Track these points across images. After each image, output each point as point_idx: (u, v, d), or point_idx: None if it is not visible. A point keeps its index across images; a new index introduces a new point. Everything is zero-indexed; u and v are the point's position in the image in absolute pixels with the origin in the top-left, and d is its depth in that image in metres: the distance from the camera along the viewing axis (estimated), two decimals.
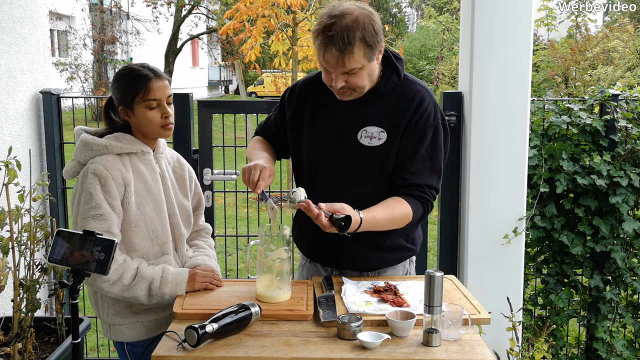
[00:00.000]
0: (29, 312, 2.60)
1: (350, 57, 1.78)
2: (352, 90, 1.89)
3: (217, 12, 17.21)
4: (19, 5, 3.18)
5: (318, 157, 2.03)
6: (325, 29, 1.78)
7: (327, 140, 2.00)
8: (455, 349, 1.59)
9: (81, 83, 14.49)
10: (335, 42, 1.77)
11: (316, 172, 2.05)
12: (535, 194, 3.09)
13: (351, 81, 1.85)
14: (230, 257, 5.56)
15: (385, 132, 1.94)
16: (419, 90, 1.98)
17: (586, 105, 3.19)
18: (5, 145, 2.96)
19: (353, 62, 1.80)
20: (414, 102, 1.94)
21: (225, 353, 1.55)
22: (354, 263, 2.09)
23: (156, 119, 1.96)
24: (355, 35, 1.77)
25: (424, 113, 1.94)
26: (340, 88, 1.86)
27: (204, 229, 2.28)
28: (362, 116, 1.96)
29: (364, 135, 1.95)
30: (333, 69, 1.83)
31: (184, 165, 2.18)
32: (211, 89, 31.76)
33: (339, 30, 1.76)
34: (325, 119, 2.01)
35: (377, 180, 1.98)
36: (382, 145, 1.94)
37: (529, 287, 3.31)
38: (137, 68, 1.96)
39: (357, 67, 1.82)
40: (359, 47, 1.78)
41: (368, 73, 1.87)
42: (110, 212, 1.88)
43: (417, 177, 1.95)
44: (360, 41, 1.78)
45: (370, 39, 1.79)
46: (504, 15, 2.85)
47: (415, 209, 1.94)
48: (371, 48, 1.81)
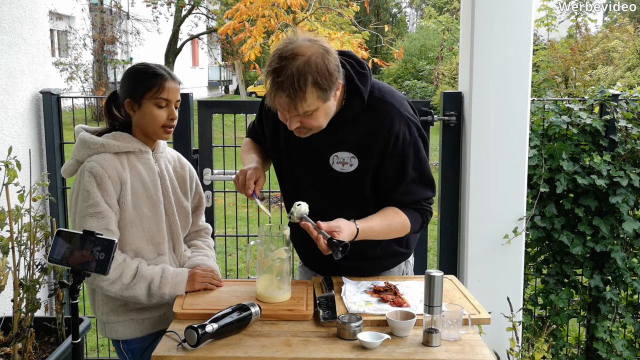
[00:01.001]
0: (29, 312, 2.60)
1: (302, 102, 1.68)
2: (309, 130, 1.81)
3: (217, 12, 17.19)
4: (19, 5, 3.18)
5: (300, 176, 2.01)
6: (275, 73, 1.67)
7: (304, 161, 1.96)
8: (455, 349, 1.59)
9: (81, 83, 14.49)
10: (285, 88, 1.66)
11: (299, 190, 2.01)
12: (535, 194, 3.09)
13: (306, 122, 1.76)
14: (230, 257, 5.56)
15: (356, 158, 1.88)
16: (385, 110, 1.86)
17: (586, 105, 3.19)
18: (5, 145, 2.96)
19: (305, 107, 1.70)
20: (385, 126, 1.84)
21: (225, 353, 1.55)
22: (346, 274, 2.08)
23: (161, 117, 1.96)
24: (307, 80, 1.65)
25: (399, 135, 1.85)
26: (296, 129, 1.79)
27: (204, 229, 2.27)
28: (332, 141, 1.89)
29: (336, 160, 1.90)
30: (286, 112, 1.74)
31: (185, 165, 2.18)
32: (211, 89, 31.75)
33: (289, 75, 1.64)
34: (299, 139, 1.89)
35: (356, 204, 1.94)
36: (355, 171, 1.89)
37: (529, 287, 3.31)
38: (154, 66, 1.99)
39: (311, 110, 1.72)
40: (311, 91, 1.67)
41: (325, 112, 1.77)
42: (107, 209, 1.88)
43: (410, 196, 1.94)
44: (313, 85, 1.66)
45: (323, 82, 1.68)
46: (504, 15, 2.85)
47: (414, 219, 1.94)
48: (325, 91, 1.70)
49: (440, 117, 3.09)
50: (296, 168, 2.01)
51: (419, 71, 21.51)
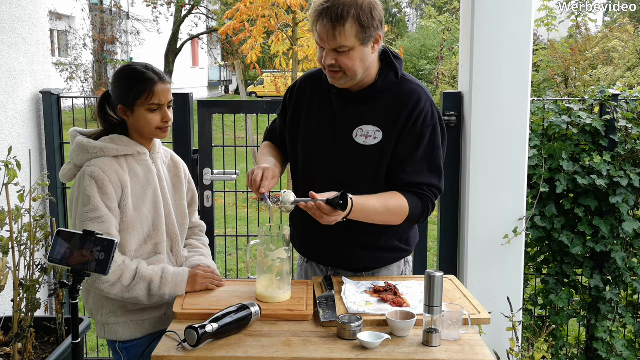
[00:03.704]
0: (29, 312, 2.60)
1: (342, 31, 1.78)
2: (343, 73, 1.87)
3: (217, 12, 17.22)
4: (19, 5, 3.18)
5: (313, 156, 2.03)
6: (324, 1, 1.80)
7: (322, 138, 2.00)
8: (455, 349, 1.59)
9: (81, 83, 14.49)
10: (328, 14, 1.78)
11: (311, 172, 2.04)
12: (535, 194, 3.09)
13: (341, 60, 1.84)
14: (230, 257, 5.56)
15: (380, 131, 1.93)
16: (416, 89, 1.96)
17: (586, 105, 3.19)
18: (5, 145, 2.96)
19: (344, 39, 1.79)
20: (411, 102, 1.93)
21: (225, 353, 1.55)
22: (348, 262, 2.09)
23: (155, 121, 1.96)
24: (350, 12, 1.78)
25: (422, 113, 1.92)
26: (329, 65, 1.86)
27: (198, 226, 2.27)
28: (358, 114, 1.95)
29: (360, 133, 1.94)
30: (324, 43, 1.83)
31: (178, 163, 2.18)
32: (211, 89, 31.75)
33: (335, 4, 1.78)
34: (321, 116, 2.00)
35: (371, 179, 1.96)
36: (378, 144, 1.93)
37: (529, 287, 3.31)
38: (141, 70, 1.95)
39: (348, 46, 1.81)
40: (352, 24, 1.78)
41: (360, 57, 1.85)
42: (108, 214, 1.88)
43: (414, 177, 1.93)
44: (354, 19, 1.78)
45: (364, 19, 1.79)
46: (504, 15, 2.85)
47: (413, 204, 1.92)
48: (364, 29, 1.80)
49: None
50: (313, 149, 2.01)
51: (419, 71, 21.49)
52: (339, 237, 2.00)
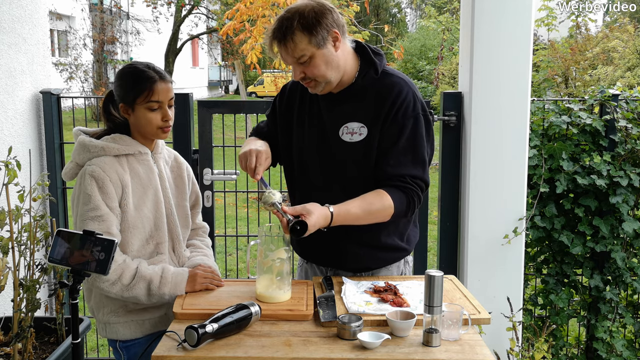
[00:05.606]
0: (29, 312, 2.60)
1: (292, 45, 1.82)
2: (315, 81, 1.90)
3: (217, 12, 17.19)
4: (19, 5, 3.18)
5: (307, 158, 2.05)
6: (272, 26, 1.87)
7: (313, 141, 2.02)
8: (455, 349, 1.59)
9: (81, 83, 14.49)
10: (276, 36, 1.84)
11: (306, 173, 2.06)
12: (535, 194, 3.09)
13: (308, 71, 1.87)
14: (230, 257, 5.56)
15: (365, 127, 1.94)
16: (397, 82, 1.96)
17: (586, 105, 3.19)
18: (5, 145, 2.96)
19: (298, 50, 1.83)
20: (392, 94, 1.93)
21: (225, 353, 1.55)
22: (346, 262, 2.09)
23: (156, 120, 1.96)
24: (293, 24, 1.81)
25: (402, 104, 1.93)
26: (301, 79, 1.90)
27: (201, 228, 2.27)
28: (343, 113, 1.98)
29: (345, 131, 1.96)
30: (286, 61, 1.87)
31: (182, 164, 2.18)
32: (211, 89, 31.75)
33: (280, 24, 1.83)
34: (310, 119, 2.03)
35: (362, 176, 1.97)
36: (363, 140, 1.94)
37: (529, 287, 3.31)
38: (142, 68, 1.95)
39: (307, 55, 1.84)
40: (299, 34, 1.81)
41: (324, 61, 1.86)
42: (108, 212, 1.88)
43: (397, 169, 1.93)
44: (299, 29, 1.81)
45: (310, 24, 1.81)
46: (504, 15, 2.85)
47: (398, 200, 1.90)
48: (314, 34, 1.82)
49: (440, 117, 3.09)
50: (306, 151, 2.04)
51: (419, 71, 21.49)
52: (338, 237, 2.00)
